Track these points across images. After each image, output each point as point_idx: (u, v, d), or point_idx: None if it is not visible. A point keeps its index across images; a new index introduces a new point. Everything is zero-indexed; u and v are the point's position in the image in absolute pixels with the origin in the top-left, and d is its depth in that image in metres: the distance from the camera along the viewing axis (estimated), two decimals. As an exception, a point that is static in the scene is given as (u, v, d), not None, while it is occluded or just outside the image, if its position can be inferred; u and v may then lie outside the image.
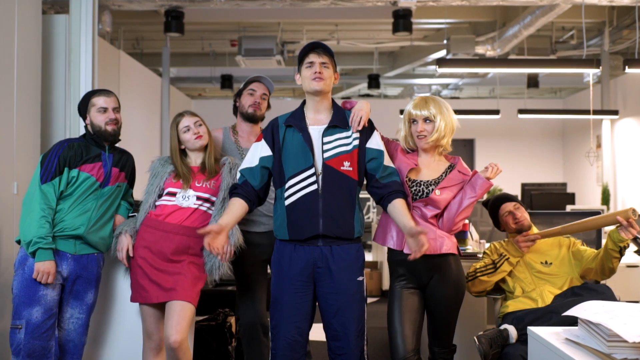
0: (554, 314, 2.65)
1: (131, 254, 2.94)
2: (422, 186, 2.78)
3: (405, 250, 2.75)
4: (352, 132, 2.70)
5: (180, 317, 2.82)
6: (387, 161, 2.74)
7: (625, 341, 1.68)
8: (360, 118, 2.69)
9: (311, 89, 2.68)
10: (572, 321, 2.11)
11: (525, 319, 2.76)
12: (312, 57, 2.68)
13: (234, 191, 2.72)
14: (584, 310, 1.92)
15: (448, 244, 2.78)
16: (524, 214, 3.21)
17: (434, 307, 2.80)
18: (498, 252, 3.19)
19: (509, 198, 3.28)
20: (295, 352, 2.64)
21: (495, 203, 3.29)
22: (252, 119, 3.34)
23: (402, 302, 2.77)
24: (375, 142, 2.73)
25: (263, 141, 2.74)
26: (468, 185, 2.79)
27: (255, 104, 3.33)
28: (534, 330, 2.15)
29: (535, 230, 3.22)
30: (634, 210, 2.91)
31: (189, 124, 3.03)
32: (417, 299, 2.80)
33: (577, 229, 3.09)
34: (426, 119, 2.79)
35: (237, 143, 3.34)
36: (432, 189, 2.77)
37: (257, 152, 2.74)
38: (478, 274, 3.13)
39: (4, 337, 2.90)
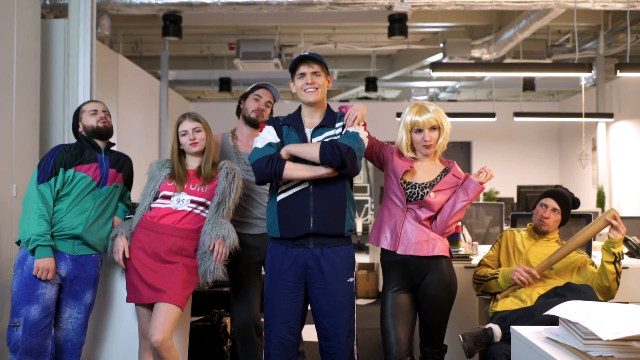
0: (535, 313, 2.72)
1: (127, 255, 3.00)
2: (417, 189, 2.83)
3: (399, 251, 2.81)
4: (339, 129, 2.76)
5: (165, 317, 2.87)
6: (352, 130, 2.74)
7: (600, 339, 1.74)
8: (356, 117, 2.74)
9: (306, 100, 2.76)
10: (554, 321, 2.17)
11: (508, 318, 2.82)
12: (303, 68, 2.73)
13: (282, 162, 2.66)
14: (564, 309, 1.98)
15: (441, 247, 2.84)
16: (551, 221, 3.16)
17: (425, 308, 2.86)
18: (511, 248, 3.22)
19: (558, 196, 3.21)
20: (288, 351, 2.70)
21: (547, 192, 3.25)
22: (254, 124, 3.39)
23: (394, 304, 2.83)
24: (347, 128, 2.75)
25: (272, 128, 2.77)
26: (461, 189, 2.85)
27: (259, 110, 3.38)
28: (517, 329, 2.21)
29: (556, 235, 3.23)
30: (614, 210, 2.97)
31: (187, 128, 3.07)
32: (409, 301, 2.85)
33: (571, 248, 3.04)
34: (432, 127, 2.84)
35: (235, 148, 3.39)
36: (426, 192, 2.82)
37: (272, 134, 2.75)
38: (476, 281, 3.22)
39: (4, 337, 2.95)
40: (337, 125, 2.78)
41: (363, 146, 2.70)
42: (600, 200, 9.87)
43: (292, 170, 2.65)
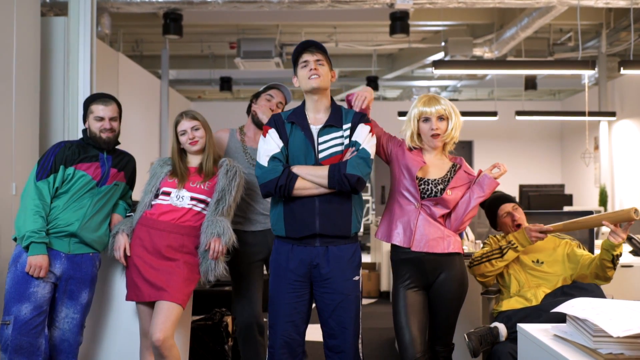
0: (542, 312, 2.68)
1: (128, 253, 2.97)
2: (430, 185, 2.80)
3: (414, 248, 2.77)
4: (347, 131, 2.71)
5: (166, 316, 2.84)
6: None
7: (610, 336, 1.71)
8: (365, 98, 2.72)
9: (309, 87, 2.69)
10: (561, 319, 2.14)
11: (514, 317, 2.79)
12: (306, 56, 2.69)
13: (291, 180, 2.61)
14: (572, 306, 1.95)
15: (455, 243, 2.81)
16: (522, 215, 3.21)
17: (438, 306, 2.83)
18: (503, 242, 3.17)
19: (507, 199, 3.27)
20: (293, 350, 2.68)
21: (493, 203, 3.27)
22: (260, 126, 3.36)
23: (408, 302, 2.79)
24: (356, 134, 2.71)
25: (274, 131, 2.70)
26: (476, 185, 2.83)
27: (270, 111, 3.36)
28: (524, 327, 2.17)
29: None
30: (636, 210, 2.80)
31: (185, 128, 3.05)
32: (422, 298, 2.82)
33: (583, 224, 3.03)
34: (440, 117, 2.80)
35: (243, 142, 3.38)
36: (440, 188, 2.79)
37: (275, 140, 2.69)
38: (484, 259, 3.10)
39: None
40: (344, 126, 2.72)
41: (372, 163, 2.68)
42: (603, 199, 9.83)
43: (300, 190, 2.63)
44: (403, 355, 2.76)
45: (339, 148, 2.70)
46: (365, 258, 9.04)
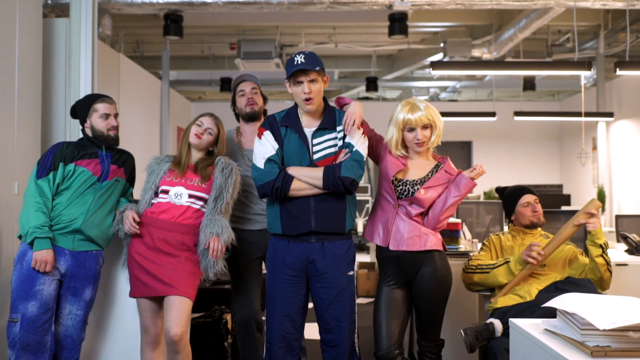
0: (536, 308, 2.72)
1: (137, 219, 2.98)
2: (407, 185, 2.86)
3: (391, 247, 2.84)
4: (340, 133, 2.77)
5: (179, 311, 2.89)
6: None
7: (597, 329, 1.75)
8: (354, 122, 2.74)
9: (304, 109, 2.76)
10: (554, 314, 2.18)
11: (508, 313, 2.84)
12: (301, 77, 2.70)
13: (287, 182, 2.69)
14: (562, 301, 2.00)
15: (433, 241, 2.86)
16: (541, 210, 3.25)
17: (420, 302, 2.88)
18: (499, 250, 3.21)
19: (530, 190, 3.30)
20: (290, 345, 2.73)
21: (516, 192, 3.29)
22: (253, 117, 3.42)
23: (388, 298, 2.86)
24: (349, 137, 2.76)
25: (269, 133, 2.77)
26: (452, 185, 2.87)
27: (250, 100, 3.41)
28: (515, 322, 2.22)
29: (540, 230, 3.27)
30: (593, 199, 3.00)
31: (204, 123, 3.11)
32: (403, 295, 2.88)
33: (561, 240, 3.05)
34: (424, 126, 2.84)
35: (239, 144, 3.43)
36: (417, 189, 2.84)
37: (270, 142, 2.76)
38: (477, 271, 3.14)
39: (5, 333, 2.96)
40: (337, 128, 2.78)
41: (364, 165, 2.75)
42: (601, 199, 9.87)
43: (296, 191, 2.70)
44: (376, 347, 2.82)
45: (333, 149, 2.77)
46: (365, 258, 9.09)
